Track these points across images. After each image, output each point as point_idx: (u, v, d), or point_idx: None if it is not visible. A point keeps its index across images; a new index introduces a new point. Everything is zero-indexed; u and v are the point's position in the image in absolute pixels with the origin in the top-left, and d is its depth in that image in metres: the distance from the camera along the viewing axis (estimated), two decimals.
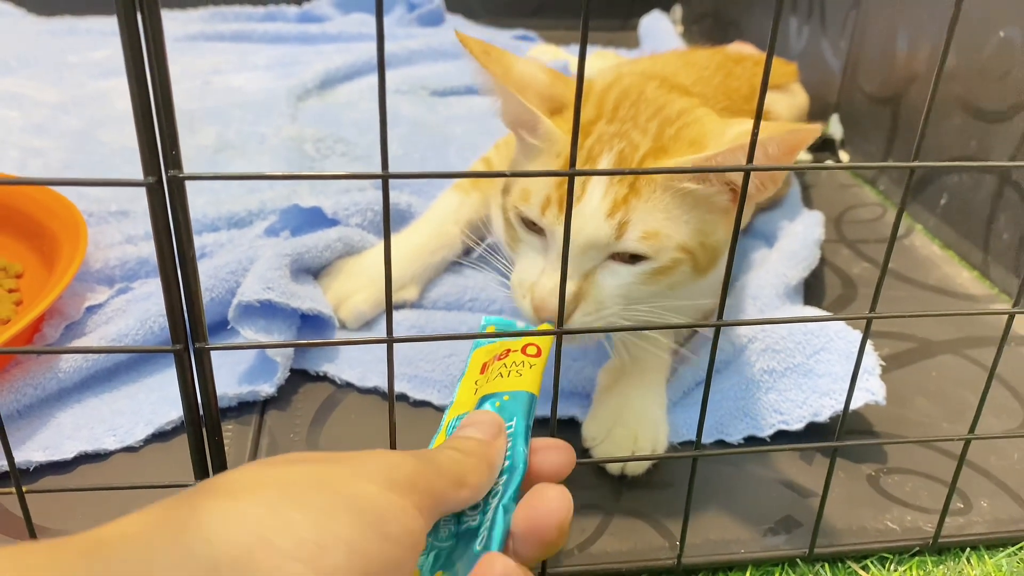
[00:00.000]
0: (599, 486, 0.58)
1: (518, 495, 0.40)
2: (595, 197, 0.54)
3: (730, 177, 0.54)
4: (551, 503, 0.38)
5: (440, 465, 0.37)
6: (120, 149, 1.03)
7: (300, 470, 0.33)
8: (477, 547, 0.38)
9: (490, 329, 0.50)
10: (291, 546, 0.28)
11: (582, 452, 0.60)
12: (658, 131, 0.56)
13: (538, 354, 0.45)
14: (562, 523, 0.38)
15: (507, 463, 0.41)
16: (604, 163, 0.55)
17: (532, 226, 0.57)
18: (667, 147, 0.55)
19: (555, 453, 0.43)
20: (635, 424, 0.60)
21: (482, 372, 0.46)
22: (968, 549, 0.56)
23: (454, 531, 0.39)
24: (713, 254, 0.58)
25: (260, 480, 0.31)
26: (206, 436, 0.43)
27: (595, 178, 0.54)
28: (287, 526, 0.29)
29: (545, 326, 0.49)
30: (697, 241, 0.55)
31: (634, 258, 0.55)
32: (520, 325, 0.50)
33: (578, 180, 0.55)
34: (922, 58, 0.99)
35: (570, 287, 0.55)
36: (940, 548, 0.55)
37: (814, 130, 0.47)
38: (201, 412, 0.42)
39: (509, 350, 0.46)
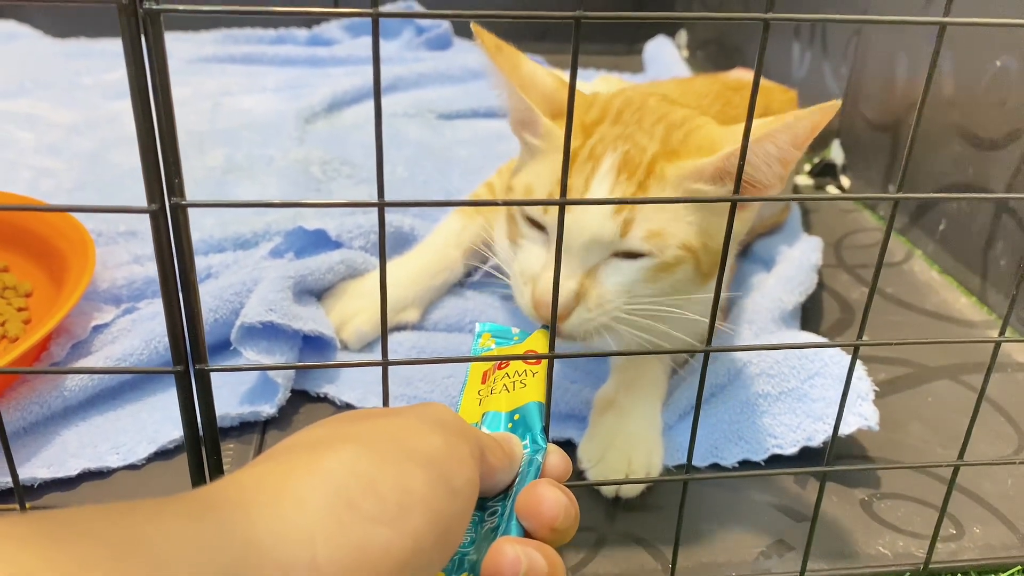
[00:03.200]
0: (594, 508, 0.59)
1: None
2: (600, 194, 0.55)
3: (753, 172, 0.54)
4: (543, 503, 0.37)
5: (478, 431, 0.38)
6: (131, 170, 1.05)
7: (371, 426, 0.33)
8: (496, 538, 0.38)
9: (485, 336, 0.50)
10: (376, 510, 0.29)
11: (577, 474, 0.60)
12: (665, 135, 0.58)
13: (539, 361, 0.46)
14: (553, 521, 0.37)
15: (520, 473, 0.41)
16: (607, 163, 0.57)
17: (535, 223, 0.58)
18: (678, 150, 0.57)
19: (553, 456, 0.44)
20: (630, 447, 0.61)
21: (483, 382, 0.47)
22: (959, 575, 0.56)
23: (474, 537, 0.39)
24: (715, 259, 0.58)
25: (338, 436, 0.32)
26: (205, 455, 0.44)
27: (600, 176, 0.56)
28: (369, 487, 0.29)
29: (541, 335, 0.49)
30: (700, 242, 0.56)
31: (637, 256, 0.56)
32: (515, 331, 0.50)
33: (582, 178, 0.56)
34: (922, 84, 1.00)
35: (571, 284, 0.56)
36: (931, 574, 0.56)
37: (830, 108, 0.47)
38: (201, 432, 0.43)
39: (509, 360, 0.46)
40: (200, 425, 0.42)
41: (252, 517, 0.27)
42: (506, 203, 0.46)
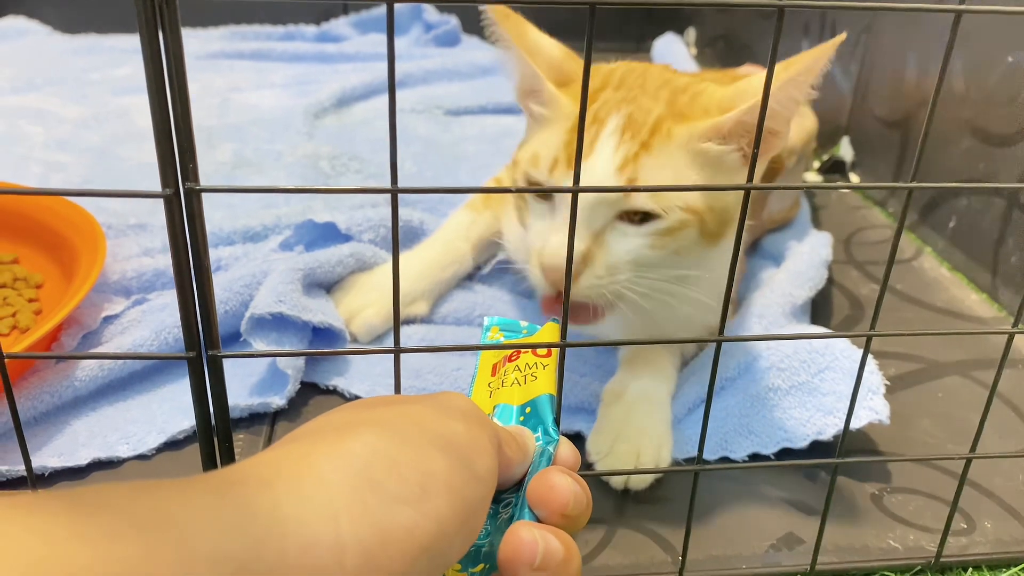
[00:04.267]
0: (602, 500, 0.59)
1: None
2: (605, 153, 0.55)
3: (752, 130, 0.55)
4: (554, 490, 0.37)
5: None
6: (139, 165, 1.05)
7: (392, 411, 0.33)
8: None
9: (494, 329, 0.50)
10: (399, 490, 0.29)
11: (586, 466, 0.60)
12: (671, 98, 0.59)
13: (549, 353, 0.46)
14: (564, 507, 0.37)
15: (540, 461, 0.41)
16: (611, 125, 0.57)
17: (540, 193, 0.59)
18: (685, 113, 0.58)
19: (563, 448, 0.44)
20: (638, 439, 0.61)
21: (493, 374, 0.47)
22: (971, 569, 0.56)
23: (489, 529, 0.39)
24: (722, 218, 0.59)
25: (360, 420, 0.32)
26: (217, 443, 0.44)
27: (604, 135, 0.56)
28: (393, 467, 0.29)
29: (551, 328, 0.49)
30: (705, 203, 0.57)
31: (643, 219, 0.57)
32: (524, 324, 0.50)
33: (587, 140, 0.57)
34: (932, 81, 1.00)
35: (579, 246, 0.56)
36: (943, 567, 0.55)
37: (837, 42, 0.50)
38: (213, 419, 0.43)
39: (519, 350, 0.46)
40: (212, 412, 0.43)
41: (276, 495, 0.27)
42: (519, 191, 0.46)
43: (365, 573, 0.27)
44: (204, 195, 0.37)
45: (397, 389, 0.43)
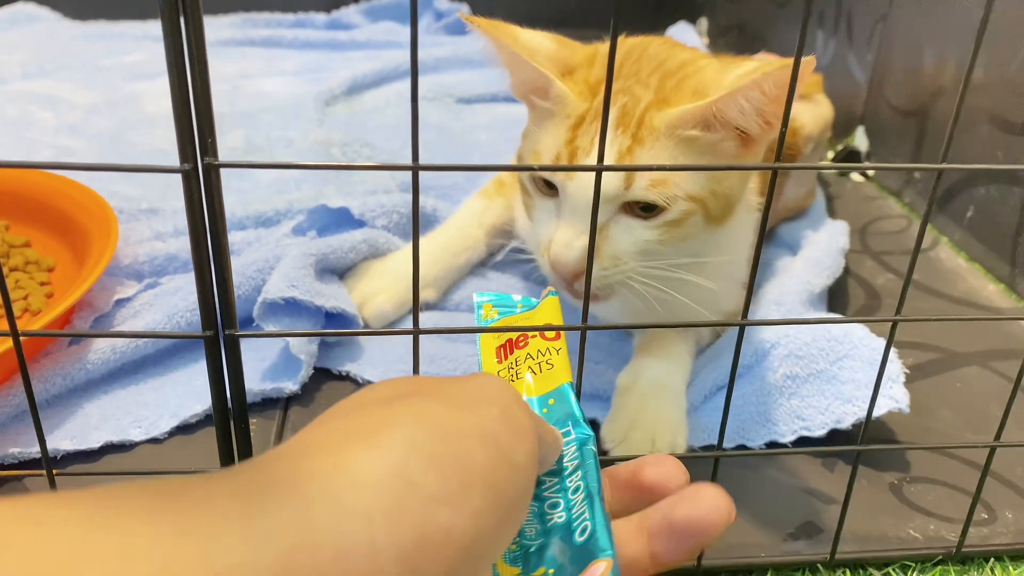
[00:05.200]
0: None
1: (601, 487, 0.37)
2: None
3: (737, 121, 0.54)
4: (708, 503, 0.35)
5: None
6: (150, 151, 1.05)
7: (430, 400, 0.31)
8: (577, 539, 0.35)
9: (487, 306, 0.48)
10: (436, 488, 0.27)
11: (601, 454, 0.59)
12: (659, 83, 0.58)
13: (557, 336, 0.44)
14: (718, 526, 0.35)
15: (576, 461, 0.38)
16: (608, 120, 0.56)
17: (546, 188, 0.58)
18: (668, 98, 0.57)
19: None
20: (653, 427, 0.60)
21: (500, 360, 0.45)
22: (992, 559, 0.55)
23: (542, 529, 0.37)
24: (726, 202, 0.58)
25: (395, 411, 0.29)
26: (233, 424, 0.43)
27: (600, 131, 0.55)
28: (430, 463, 0.27)
29: (551, 303, 0.47)
30: (708, 189, 0.56)
31: (646, 211, 0.56)
32: (517, 298, 0.48)
33: (588, 138, 0.56)
34: (948, 71, 0.99)
35: (584, 241, 0.55)
36: (963, 557, 0.55)
37: (807, 63, 0.48)
38: (229, 400, 0.42)
39: (526, 335, 0.44)
40: (228, 393, 0.42)
41: (308, 498, 0.25)
42: (542, 168, 0.45)
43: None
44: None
45: (415, 372, 0.42)
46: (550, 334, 0.43)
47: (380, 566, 0.25)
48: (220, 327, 0.40)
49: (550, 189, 0.58)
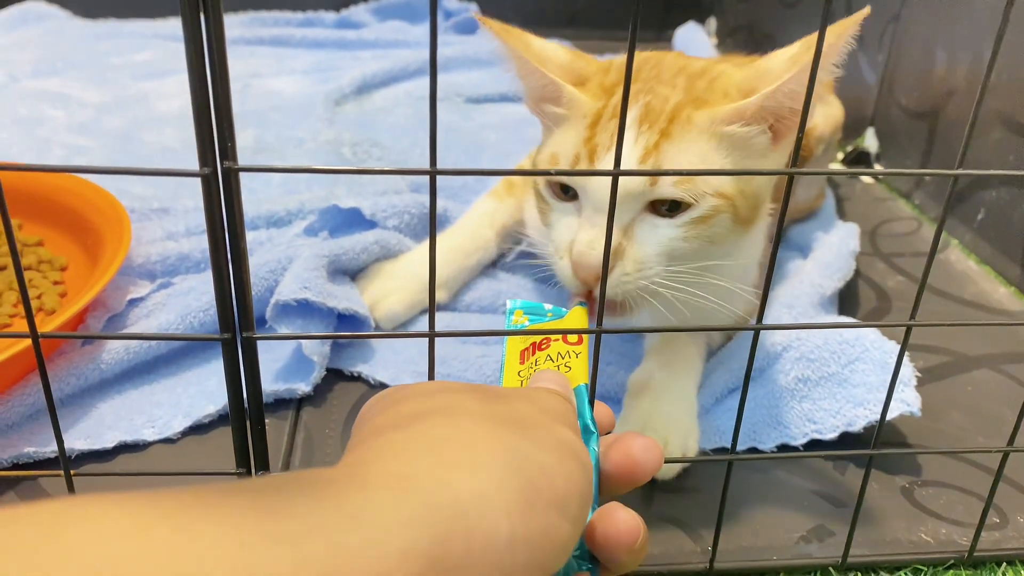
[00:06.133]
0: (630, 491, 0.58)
1: (599, 490, 0.39)
2: (625, 145, 0.54)
3: (776, 111, 0.54)
4: (619, 525, 0.36)
5: None
6: (160, 149, 1.05)
7: (513, 411, 0.33)
8: None
9: (518, 313, 0.49)
10: (551, 496, 0.30)
11: None
12: (688, 84, 0.57)
13: (580, 340, 0.45)
14: (630, 546, 0.35)
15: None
16: (629, 117, 0.56)
17: (563, 193, 0.58)
18: (704, 98, 0.56)
19: (597, 410, 0.44)
20: (665, 429, 0.60)
21: (522, 362, 0.46)
22: (1004, 564, 0.55)
23: None
24: (754, 202, 0.57)
25: (489, 415, 0.32)
26: (249, 425, 0.43)
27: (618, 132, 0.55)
28: (542, 472, 0.30)
29: (579, 313, 0.48)
30: (736, 188, 0.55)
31: (672, 210, 0.55)
32: (548, 307, 0.49)
33: (607, 134, 0.56)
34: (960, 73, 0.99)
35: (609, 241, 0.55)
36: (975, 562, 0.55)
37: (860, 16, 0.49)
38: (246, 401, 0.43)
39: (548, 338, 0.45)
40: (245, 394, 0.42)
41: (454, 488, 0.27)
42: (557, 173, 0.45)
43: (527, 571, 0.28)
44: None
45: (431, 375, 0.42)
46: (572, 339, 0.44)
47: (516, 557, 0.28)
48: (238, 329, 0.40)
49: (566, 194, 0.58)
